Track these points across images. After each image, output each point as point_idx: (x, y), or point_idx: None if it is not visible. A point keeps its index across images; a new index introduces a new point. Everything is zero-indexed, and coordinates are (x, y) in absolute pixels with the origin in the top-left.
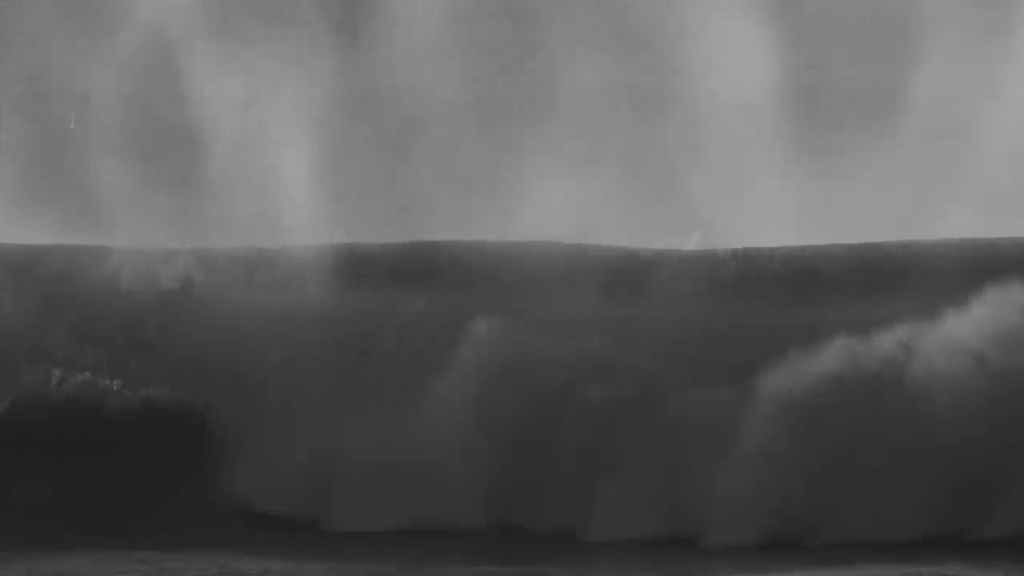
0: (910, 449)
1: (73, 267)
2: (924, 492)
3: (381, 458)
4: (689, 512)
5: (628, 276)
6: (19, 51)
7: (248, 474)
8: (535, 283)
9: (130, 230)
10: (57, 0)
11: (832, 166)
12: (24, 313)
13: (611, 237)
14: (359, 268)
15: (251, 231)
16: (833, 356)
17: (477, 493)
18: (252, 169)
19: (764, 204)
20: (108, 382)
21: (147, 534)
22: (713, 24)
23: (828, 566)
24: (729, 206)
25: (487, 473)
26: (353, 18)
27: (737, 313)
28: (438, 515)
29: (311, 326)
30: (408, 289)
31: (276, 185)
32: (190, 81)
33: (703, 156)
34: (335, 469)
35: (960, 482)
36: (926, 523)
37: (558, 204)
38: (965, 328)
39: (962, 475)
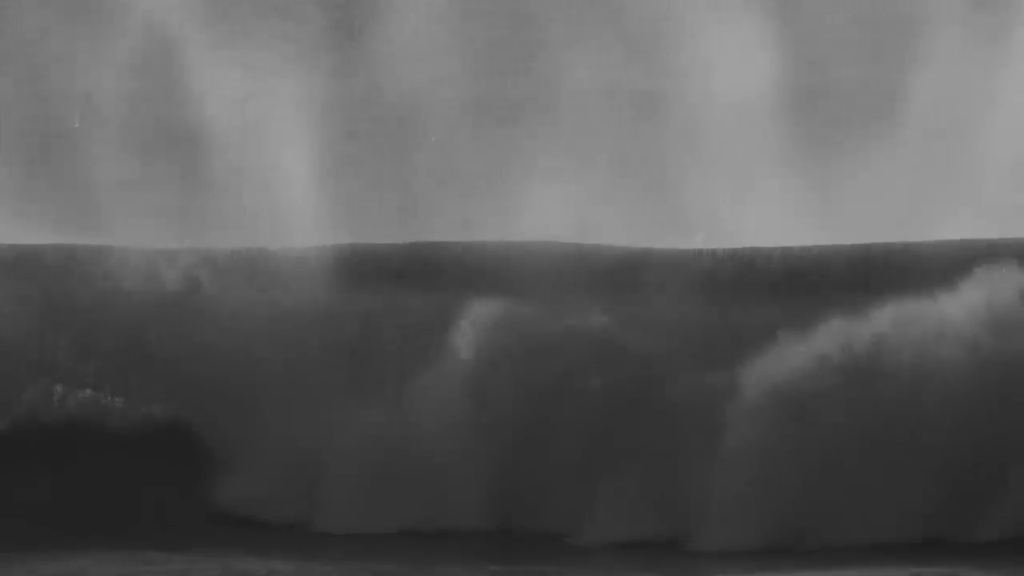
0: (905, 442)
1: (74, 267)
2: (922, 489)
3: (380, 458)
4: (688, 513)
5: (628, 275)
6: (19, 51)
7: (247, 486)
8: (535, 283)
9: (129, 229)
10: (57, 0)
11: (832, 166)
12: (25, 316)
13: (611, 237)
14: (359, 268)
15: (250, 230)
16: (825, 337)
17: (477, 493)
18: (251, 168)
19: (764, 204)
20: (109, 399)
21: (150, 535)
22: (713, 24)
23: (828, 567)
24: (729, 206)
25: (487, 472)
26: (352, 17)
27: (736, 312)
28: (439, 516)
29: (311, 326)
30: (408, 289)
31: (276, 184)
32: (190, 79)
33: (702, 156)
34: (334, 471)
35: (957, 478)
36: (924, 523)
37: (558, 204)
38: (959, 313)
39: (958, 470)
